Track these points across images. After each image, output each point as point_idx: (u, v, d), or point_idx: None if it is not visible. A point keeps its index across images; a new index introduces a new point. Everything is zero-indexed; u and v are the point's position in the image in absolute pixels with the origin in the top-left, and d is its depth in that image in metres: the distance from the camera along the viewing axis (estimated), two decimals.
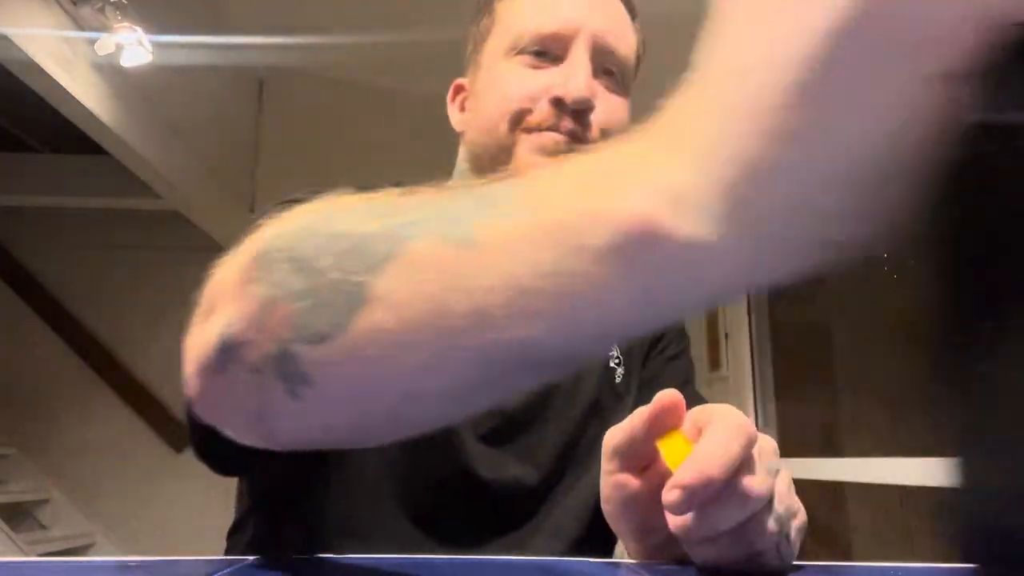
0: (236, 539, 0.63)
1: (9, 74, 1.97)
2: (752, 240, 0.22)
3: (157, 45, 2.28)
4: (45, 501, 3.64)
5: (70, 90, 2.08)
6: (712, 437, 0.35)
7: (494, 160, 0.61)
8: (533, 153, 0.59)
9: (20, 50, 1.87)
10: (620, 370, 0.68)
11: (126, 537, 3.64)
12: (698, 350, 2.87)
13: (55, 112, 2.21)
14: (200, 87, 3.05)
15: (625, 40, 0.61)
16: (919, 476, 1.58)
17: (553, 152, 0.58)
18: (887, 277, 2.07)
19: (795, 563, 0.41)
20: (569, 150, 0.55)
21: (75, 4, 2.06)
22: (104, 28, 2.14)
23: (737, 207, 0.21)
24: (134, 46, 2.19)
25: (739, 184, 0.21)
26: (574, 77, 0.58)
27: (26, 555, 2.82)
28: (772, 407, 2.42)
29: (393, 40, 2.58)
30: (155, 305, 3.51)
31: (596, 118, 0.59)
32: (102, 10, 2.10)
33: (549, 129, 0.58)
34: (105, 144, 2.47)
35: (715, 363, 2.68)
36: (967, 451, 0.28)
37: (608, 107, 0.59)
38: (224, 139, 3.44)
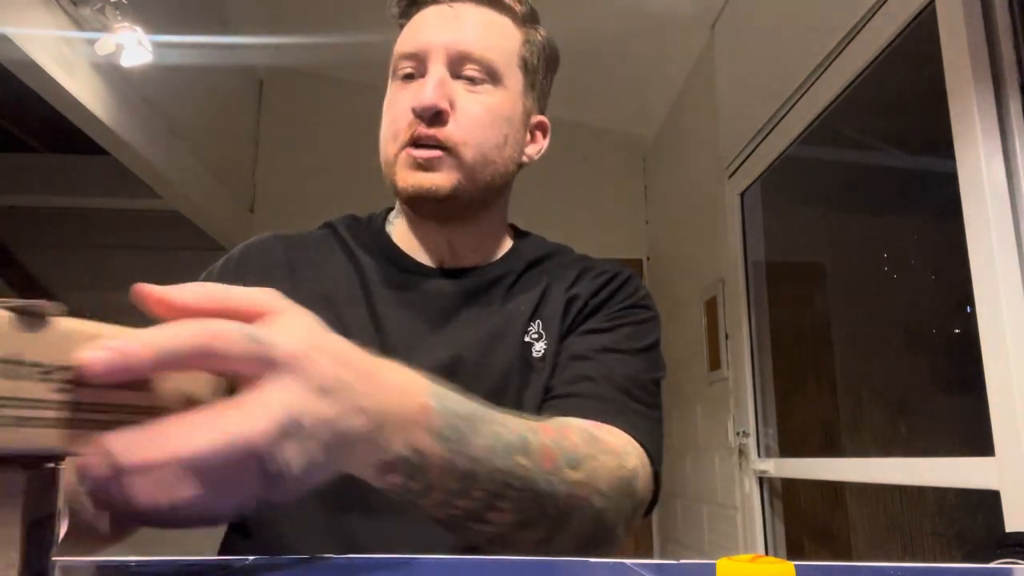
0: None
1: (9, 74, 1.97)
2: None
3: (157, 45, 2.28)
4: None
5: (70, 90, 2.08)
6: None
7: (390, 178, 0.71)
8: (406, 169, 0.68)
9: (20, 50, 1.86)
10: (540, 344, 0.70)
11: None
12: (698, 350, 2.88)
13: (55, 112, 2.21)
14: (200, 87, 3.05)
15: (486, 42, 0.70)
16: (919, 476, 1.58)
17: (414, 166, 0.68)
18: (887, 277, 2.07)
19: (796, 563, 0.33)
20: (427, 163, 0.67)
21: (75, 4, 2.06)
22: (104, 28, 2.14)
23: None
24: (134, 46, 2.19)
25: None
26: (423, 88, 0.68)
27: None
28: (772, 407, 2.42)
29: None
30: None
31: (456, 115, 0.68)
32: (102, 10, 2.10)
33: (413, 143, 0.68)
34: (105, 144, 2.46)
35: (715, 363, 2.68)
36: None
37: (466, 103, 0.69)
38: (224, 139, 3.44)
